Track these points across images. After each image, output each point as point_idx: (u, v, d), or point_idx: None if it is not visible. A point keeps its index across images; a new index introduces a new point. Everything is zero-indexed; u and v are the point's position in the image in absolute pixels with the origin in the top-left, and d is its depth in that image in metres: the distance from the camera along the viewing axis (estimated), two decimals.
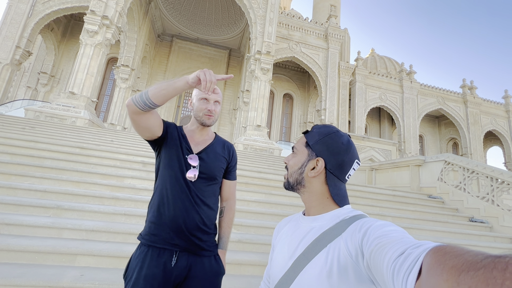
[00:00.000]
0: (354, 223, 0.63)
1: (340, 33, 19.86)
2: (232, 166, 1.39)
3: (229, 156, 1.37)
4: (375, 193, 6.59)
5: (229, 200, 1.41)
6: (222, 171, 1.32)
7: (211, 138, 1.37)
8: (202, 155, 1.27)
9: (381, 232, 0.53)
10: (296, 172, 0.76)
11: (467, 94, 24.21)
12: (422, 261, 0.38)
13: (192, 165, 1.22)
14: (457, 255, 0.31)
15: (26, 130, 7.16)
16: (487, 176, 6.26)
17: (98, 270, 2.37)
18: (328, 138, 0.74)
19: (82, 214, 3.14)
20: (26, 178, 3.76)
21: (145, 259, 1.12)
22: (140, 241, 1.19)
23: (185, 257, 1.14)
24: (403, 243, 0.45)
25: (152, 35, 21.62)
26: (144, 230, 1.20)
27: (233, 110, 22.87)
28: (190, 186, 1.20)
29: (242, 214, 4.00)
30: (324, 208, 0.72)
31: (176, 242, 1.14)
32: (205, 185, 1.24)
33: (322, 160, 0.73)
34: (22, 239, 2.50)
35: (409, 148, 20.70)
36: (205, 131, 1.35)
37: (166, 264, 1.11)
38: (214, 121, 1.31)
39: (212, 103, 1.29)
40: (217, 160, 1.30)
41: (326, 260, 0.61)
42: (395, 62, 26.42)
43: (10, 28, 14.46)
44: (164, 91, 1.07)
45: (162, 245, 1.13)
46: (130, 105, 1.08)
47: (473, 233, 5.20)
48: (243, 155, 9.70)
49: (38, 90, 19.18)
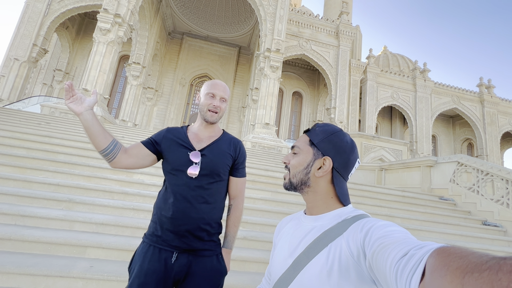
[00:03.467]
0: (356, 223, 0.62)
1: (352, 30, 19.51)
2: (240, 163, 1.34)
3: (235, 153, 1.32)
4: (384, 194, 6.48)
5: (236, 198, 1.36)
6: (227, 167, 1.28)
7: (218, 135, 1.33)
8: (205, 151, 1.24)
9: (383, 232, 0.53)
10: (301, 172, 0.74)
11: (484, 93, 23.36)
12: (425, 262, 0.37)
13: (194, 162, 1.20)
14: (462, 257, 0.31)
15: (41, 125, 7.42)
16: (503, 179, 6.04)
17: (107, 262, 2.45)
18: (334, 136, 0.73)
19: (93, 207, 3.23)
20: (41, 172, 3.90)
21: (147, 254, 1.14)
22: (142, 240, 1.22)
23: (185, 256, 1.15)
24: (406, 243, 0.45)
25: (163, 33, 21.87)
26: (148, 230, 1.22)
27: (242, 108, 22.91)
28: (193, 184, 1.19)
29: (248, 212, 4.02)
30: (327, 208, 0.71)
31: (176, 243, 1.14)
32: (208, 182, 1.22)
33: (329, 159, 0.71)
34: (36, 230, 2.61)
35: (421, 148, 20.20)
36: (210, 128, 1.32)
37: (167, 260, 1.13)
38: (217, 119, 1.29)
39: (218, 99, 1.27)
40: (221, 156, 1.27)
41: (327, 259, 0.60)
42: (408, 60, 25.75)
43: (28, 26, 14.97)
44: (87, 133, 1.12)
45: (162, 246, 1.15)
46: None
47: (486, 237, 5.04)
48: (251, 152, 9.73)
49: (54, 87, 19.79)
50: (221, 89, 1.28)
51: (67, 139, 5.69)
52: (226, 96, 1.30)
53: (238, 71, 24.12)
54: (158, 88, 22.15)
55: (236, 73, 24.02)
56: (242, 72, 24.08)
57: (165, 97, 22.29)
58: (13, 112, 9.21)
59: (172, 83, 22.60)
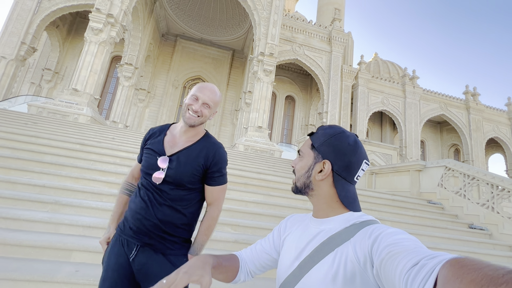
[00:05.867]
0: (364, 229, 0.61)
1: (344, 37, 19.88)
2: (214, 172, 1.25)
3: (206, 161, 1.23)
4: (375, 197, 6.56)
5: (211, 205, 1.30)
6: (194, 177, 1.21)
7: (195, 140, 1.26)
8: (173, 158, 1.20)
9: (392, 240, 0.52)
10: (304, 176, 0.74)
11: (469, 100, 24.11)
12: (437, 273, 0.36)
13: (161, 167, 1.18)
14: (476, 269, 0.30)
15: (28, 125, 7.20)
16: (488, 183, 6.22)
17: (93, 266, 2.37)
18: (334, 139, 0.72)
19: (80, 210, 3.14)
20: (26, 173, 3.77)
21: (113, 248, 1.18)
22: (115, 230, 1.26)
23: (146, 253, 1.15)
24: (417, 253, 0.44)
25: (157, 34, 21.73)
26: (120, 222, 1.27)
27: (235, 111, 22.89)
28: (157, 187, 1.19)
29: (240, 215, 3.99)
30: (332, 211, 0.71)
31: (138, 236, 1.16)
32: (170, 188, 1.19)
33: (328, 163, 0.71)
34: (19, 233, 2.51)
35: (410, 153, 20.62)
36: (190, 131, 1.26)
37: (128, 255, 1.16)
38: (196, 123, 1.22)
39: (200, 104, 1.20)
40: (188, 166, 1.19)
41: (332, 264, 0.60)
42: (398, 67, 26.39)
43: (16, 24, 14.59)
44: None
45: (126, 237, 1.17)
46: None
47: (472, 240, 5.16)
48: (243, 156, 9.71)
49: (42, 86, 19.30)
50: (206, 94, 1.21)
51: (54, 140, 5.53)
52: (211, 102, 1.22)
53: (231, 74, 24.14)
54: (151, 89, 21.92)
55: (229, 76, 24.04)
56: (236, 75, 24.12)
57: (157, 98, 22.07)
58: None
59: (165, 85, 22.41)
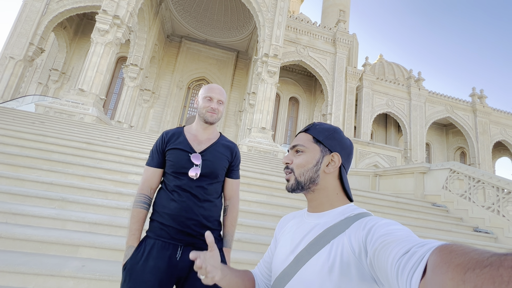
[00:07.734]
0: (358, 221, 0.63)
1: (348, 38, 19.83)
2: (235, 165, 1.42)
3: (231, 156, 1.40)
4: (378, 199, 6.53)
5: (232, 198, 1.43)
6: (224, 170, 1.36)
7: (216, 137, 1.40)
8: (205, 154, 1.31)
9: (385, 230, 0.53)
10: (311, 170, 0.73)
11: (476, 103, 23.84)
12: (427, 259, 0.37)
13: (195, 164, 1.27)
14: (463, 254, 0.31)
15: (35, 124, 7.33)
16: (493, 186, 6.15)
17: (99, 262, 2.42)
18: (336, 133, 0.76)
19: (86, 207, 3.20)
20: (34, 170, 3.85)
21: (151, 251, 1.16)
22: (146, 234, 1.24)
23: (189, 251, 1.16)
24: (408, 241, 0.45)
25: (162, 35, 21.92)
26: (150, 228, 1.26)
27: (239, 112, 22.94)
28: (194, 184, 1.25)
29: (243, 214, 4.01)
30: (331, 205, 0.72)
31: (180, 237, 1.19)
32: (207, 183, 1.28)
33: (338, 155, 0.73)
34: (27, 228, 2.57)
35: (415, 156, 20.43)
36: (209, 129, 1.38)
37: (171, 257, 1.15)
38: (217, 119, 1.35)
39: (216, 102, 1.34)
40: (220, 159, 1.34)
41: (328, 256, 0.61)
42: (403, 69, 26.21)
43: (25, 25, 14.87)
44: None
45: (167, 239, 1.18)
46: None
47: (477, 243, 5.11)
48: (247, 156, 9.73)
49: (49, 87, 19.60)
50: (218, 92, 1.35)
51: (61, 138, 5.63)
52: (223, 98, 1.37)
53: (235, 75, 24.22)
54: (155, 90, 22.10)
55: (233, 77, 24.12)
56: (240, 77, 24.19)
57: (162, 99, 22.24)
58: (6, 110, 9.08)
59: (170, 86, 22.57)
